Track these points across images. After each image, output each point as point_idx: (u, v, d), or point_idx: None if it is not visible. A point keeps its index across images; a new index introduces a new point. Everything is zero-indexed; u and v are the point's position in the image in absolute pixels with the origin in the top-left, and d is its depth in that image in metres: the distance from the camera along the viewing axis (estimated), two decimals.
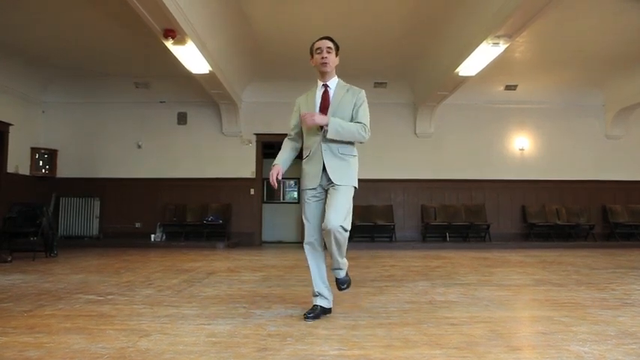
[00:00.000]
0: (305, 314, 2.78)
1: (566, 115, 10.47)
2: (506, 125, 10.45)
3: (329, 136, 2.77)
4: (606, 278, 4.48)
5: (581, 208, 10.14)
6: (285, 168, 2.95)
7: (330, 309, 2.89)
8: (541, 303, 3.29)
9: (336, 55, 2.95)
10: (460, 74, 7.69)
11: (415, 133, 10.29)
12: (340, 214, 2.70)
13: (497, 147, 10.39)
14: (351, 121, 2.85)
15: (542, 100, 10.39)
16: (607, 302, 3.23)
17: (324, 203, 2.86)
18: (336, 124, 2.77)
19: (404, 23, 7.29)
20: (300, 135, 3.00)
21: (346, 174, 2.83)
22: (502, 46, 6.49)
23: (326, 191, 2.86)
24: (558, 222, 9.94)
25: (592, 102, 10.48)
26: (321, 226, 2.81)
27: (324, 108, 2.88)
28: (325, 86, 2.94)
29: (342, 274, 2.94)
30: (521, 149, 10.40)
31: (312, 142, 2.88)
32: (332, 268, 2.92)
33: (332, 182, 2.79)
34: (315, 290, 2.86)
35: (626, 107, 9.96)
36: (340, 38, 3.09)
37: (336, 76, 2.98)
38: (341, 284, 2.95)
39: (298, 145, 3.03)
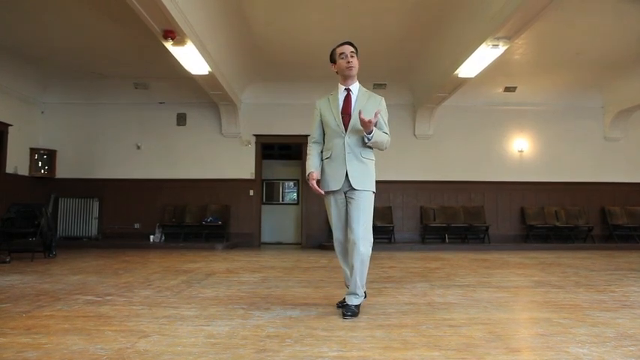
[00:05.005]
0: (344, 313, 2.77)
1: (565, 116, 10.48)
2: (506, 127, 10.46)
3: (370, 143, 2.80)
4: (605, 280, 4.48)
5: (580, 210, 10.15)
6: (318, 173, 2.99)
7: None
8: (540, 305, 3.29)
9: (357, 58, 2.97)
10: (459, 76, 7.69)
11: (414, 135, 10.31)
12: (365, 227, 2.79)
13: (497, 148, 10.39)
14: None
15: (541, 102, 10.40)
16: (606, 304, 3.23)
17: (346, 206, 2.91)
18: (377, 132, 2.82)
19: (403, 25, 7.29)
20: (323, 137, 3.03)
21: (367, 179, 2.87)
22: (501, 48, 6.50)
23: (345, 194, 2.90)
24: (557, 224, 9.95)
25: (591, 104, 10.49)
26: (346, 228, 2.88)
27: (347, 112, 2.89)
28: (348, 90, 2.96)
29: (355, 301, 2.83)
30: (520, 151, 10.41)
31: (334, 144, 2.90)
32: (347, 292, 2.89)
33: (352, 187, 2.83)
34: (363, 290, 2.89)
35: (625, 109, 9.98)
36: (340, 39, 3.09)
37: (357, 81, 3.01)
38: (347, 312, 2.75)
39: (322, 147, 3.08)
